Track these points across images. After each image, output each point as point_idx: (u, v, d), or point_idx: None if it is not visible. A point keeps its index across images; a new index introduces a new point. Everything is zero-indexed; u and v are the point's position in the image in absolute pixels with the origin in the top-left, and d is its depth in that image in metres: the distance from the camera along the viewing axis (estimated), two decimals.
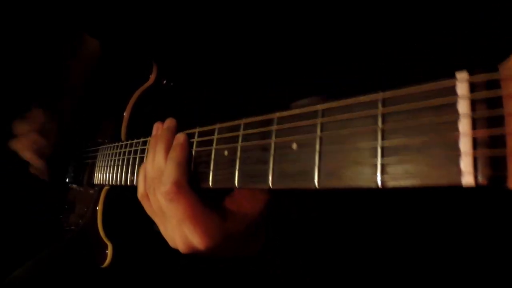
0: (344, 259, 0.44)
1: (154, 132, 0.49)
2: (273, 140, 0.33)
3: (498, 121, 0.22)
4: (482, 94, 0.22)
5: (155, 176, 0.43)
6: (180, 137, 0.44)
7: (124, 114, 0.66)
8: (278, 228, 0.45)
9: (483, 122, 0.22)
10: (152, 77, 0.66)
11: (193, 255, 0.43)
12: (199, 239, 0.40)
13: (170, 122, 0.47)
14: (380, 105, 0.26)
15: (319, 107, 0.30)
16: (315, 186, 0.29)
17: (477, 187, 0.22)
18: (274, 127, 0.33)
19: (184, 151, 0.42)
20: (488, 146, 0.22)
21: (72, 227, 0.81)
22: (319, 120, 0.30)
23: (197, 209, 0.39)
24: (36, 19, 0.77)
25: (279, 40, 0.56)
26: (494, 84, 0.22)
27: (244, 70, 0.60)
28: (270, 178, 0.33)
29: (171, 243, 0.44)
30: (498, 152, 0.21)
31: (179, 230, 0.41)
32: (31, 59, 0.82)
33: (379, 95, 0.27)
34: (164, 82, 0.66)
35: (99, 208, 0.68)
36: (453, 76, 0.24)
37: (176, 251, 0.66)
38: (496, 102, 0.22)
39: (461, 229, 0.39)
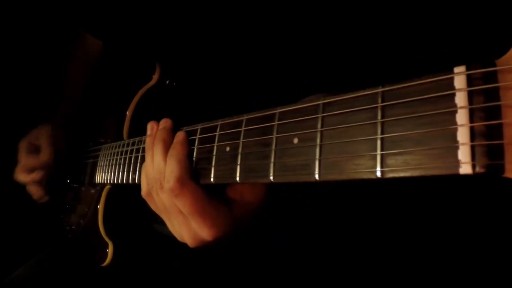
0: (341, 243, 0.44)
1: (149, 132, 0.49)
2: (274, 136, 0.34)
3: (495, 112, 0.22)
4: (479, 86, 0.23)
5: (156, 177, 0.43)
6: (180, 135, 0.45)
7: (127, 113, 0.67)
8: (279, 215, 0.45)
9: (481, 114, 0.23)
10: (155, 77, 0.66)
11: (202, 248, 0.43)
12: (208, 232, 0.40)
13: (165, 122, 0.47)
14: (379, 98, 0.27)
15: (320, 101, 0.31)
16: (316, 179, 0.29)
17: (475, 176, 0.22)
18: (276, 123, 0.34)
19: (184, 148, 0.43)
20: (485, 137, 0.22)
21: (73, 227, 0.81)
22: (320, 115, 0.30)
23: (203, 203, 0.40)
24: (38, 19, 0.78)
25: (282, 39, 0.56)
26: (491, 77, 0.23)
27: (247, 70, 0.60)
28: (271, 172, 0.33)
29: (179, 238, 0.45)
30: (495, 142, 0.22)
31: (186, 225, 0.41)
32: (31, 60, 0.83)
33: (379, 89, 0.27)
34: (167, 82, 0.67)
35: (100, 207, 0.68)
36: (451, 71, 0.24)
37: (175, 249, 0.66)
38: (494, 94, 0.23)
39: (461, 218, 0.39)
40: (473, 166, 0.22)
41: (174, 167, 0.41)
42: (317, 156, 0.29)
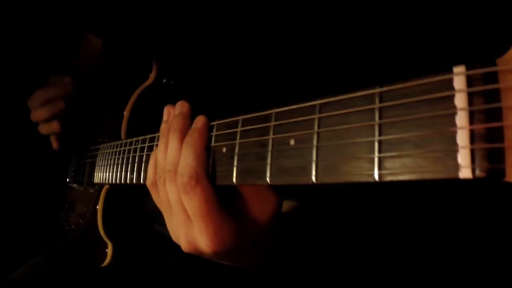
0: (341, 247, 0.44)
1: (165, 117, 0.44)
2: (270, 136, 0.33)
3: (495, 114, 0.22)
4: (479, 87, 0.22)
5: (168, 168, 0.39)
6: (200, 120, 0.40)
7: (125, 112, 0.66)
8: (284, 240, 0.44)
9: (481, 116, 0.22)
10: (152, 76, 0.66)
11: (194, 256, 0.40)
12: (207, 241, 0.36)
13: (182, 106, 0.43)
14: (377, 99, 0.26)
15: (317, 102, 0.30)
16: (313, 181, 0.29)
17: (475, 181, 0.22)
18: (272, 123, 0.33)
19: (202, 138, 0.39)
20: (485, 140, 0.21)
21: (73, 227, 0.81)
22: (316, 116, 0.30)
23: (213, 208, 0.36)
24: (38, 18, 0.77)
25: (281, 39, 0.55)
26: (492, 78, 0.22)
27: (246, 69, 0.60)
28: (268, 174, 0.32)
29: (173, 237, 0.42)
30: (496, 145, 0.21)
31: (187, 226, 0.38)
32: (33, 58, 0.82)
33: (377, 90, 0.27)
34: (164, 80, 0.66)
35: (99, 207, 0.68)
36: (451, 71, 0.24)
37: (175, 250, 0.66)
38: (494, 96, 0.22)
39: (461, 222, 0.39)
40: (473, 170, 0.21)
41: (190, 160, 0.37)
42: (314, 158, 0.29)
